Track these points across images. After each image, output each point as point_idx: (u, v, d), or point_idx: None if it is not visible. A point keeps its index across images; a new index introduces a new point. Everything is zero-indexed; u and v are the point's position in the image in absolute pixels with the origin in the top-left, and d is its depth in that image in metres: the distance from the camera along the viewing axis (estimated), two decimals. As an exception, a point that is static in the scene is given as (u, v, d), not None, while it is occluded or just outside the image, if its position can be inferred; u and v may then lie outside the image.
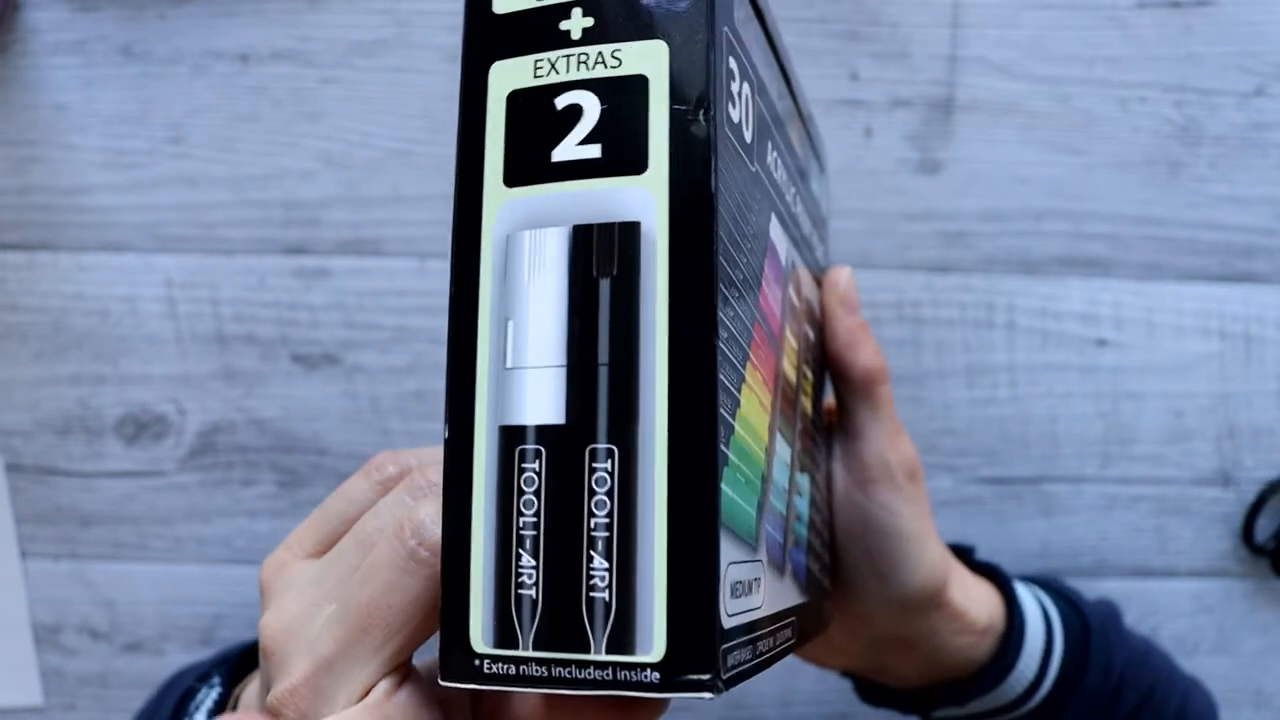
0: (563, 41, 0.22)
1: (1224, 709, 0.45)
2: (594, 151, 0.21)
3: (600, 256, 0.21)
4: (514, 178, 0.22)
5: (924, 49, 0.49)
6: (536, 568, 0.21)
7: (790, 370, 0.30)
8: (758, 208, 0.25)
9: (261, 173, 0.49)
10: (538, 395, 0.21)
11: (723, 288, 0.21)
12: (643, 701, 0.23)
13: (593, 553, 0.20)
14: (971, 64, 0.49)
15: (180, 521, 0.51)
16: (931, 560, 0.35)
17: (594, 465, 0.21)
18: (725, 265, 0.22)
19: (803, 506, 0.31)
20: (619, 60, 0.22)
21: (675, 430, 0.20)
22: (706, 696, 0.20)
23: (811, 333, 0.34)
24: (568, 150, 0.22)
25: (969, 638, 0.37)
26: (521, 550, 0.21)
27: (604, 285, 0.21)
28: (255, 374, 0.50)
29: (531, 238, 0.22)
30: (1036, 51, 0.49)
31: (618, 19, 0.22)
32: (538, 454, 0.21)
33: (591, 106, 0.22)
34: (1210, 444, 0.51)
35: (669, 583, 0.20)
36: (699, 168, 0.21)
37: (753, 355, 0.24)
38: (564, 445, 0.21)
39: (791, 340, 0.30)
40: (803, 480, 0.31)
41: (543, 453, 0.21)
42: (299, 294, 0.50)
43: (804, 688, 0.51)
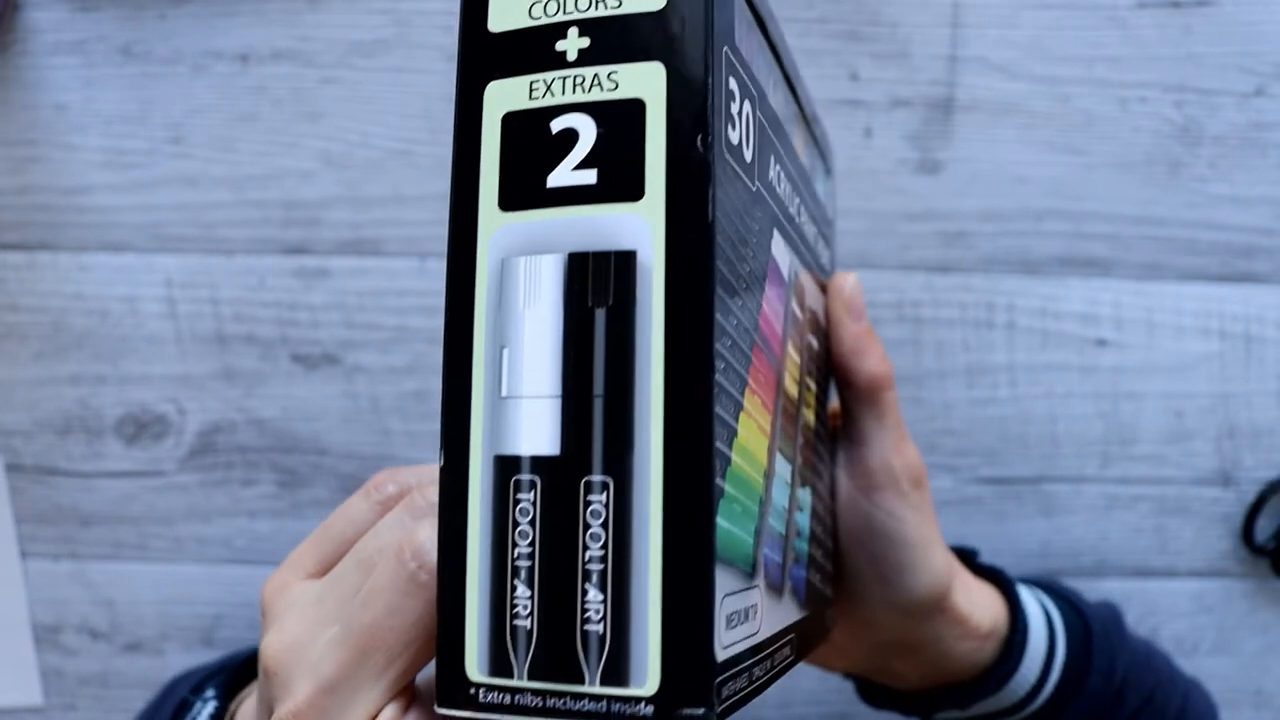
0: (558, 62, 0.22)
1: (1224, 709, 0.45)
2: (590, 177, 0.21)
3: (596, 286, 0.21)
4: (509, 202, 0.22)
5: (924, 49, 0.49)
6: (531, 599, 0.21)
7: (791, 386, 0.29)
8: (759, 228, 0.25)
9: (261, 173, 0.49)
10: (533, 425, 0.21)
11: (719, 318, 0.21)
12: None
13: (587, 585, 0.20)
14: (971, 64, 0.49)
15: (180, 521, 0.51)
16: (936, 566, 0.35)
17: (589, 498, 0.21)
18: (723, 294, 0.21)
19: (803, 521, 0.30)
20: (615, 83, 0.21)
21: (670, 464, 0.20)
22: None
23: (815, 342, 0.34)
24: (563, 175, 0.21)
25: (972, 642, 0.37)
26: (517, 581, 0.21)
27: (599, 315, 0.21)
28: (255, 374, 0.50)
29: (527, 264, 0.21)
30: (1036, 51, 0.49)
31: (614, 40, 0.21)
32: (533, 485, 0.21)
33: (587, 130, 0.21)
34: (1210, 444, 0.51)
35: (663, 616, 0.20)
36: (696, 196, 0.21)
37: (751, 381, 0.24)
38: (559, 477, 0.21)
39: (793, 354, 0.30)
40: (804, 494, 0.31)
41: (538, 484, 0.21)
42: (299, 294, 0.50)
43: (804, 688, 0.51)
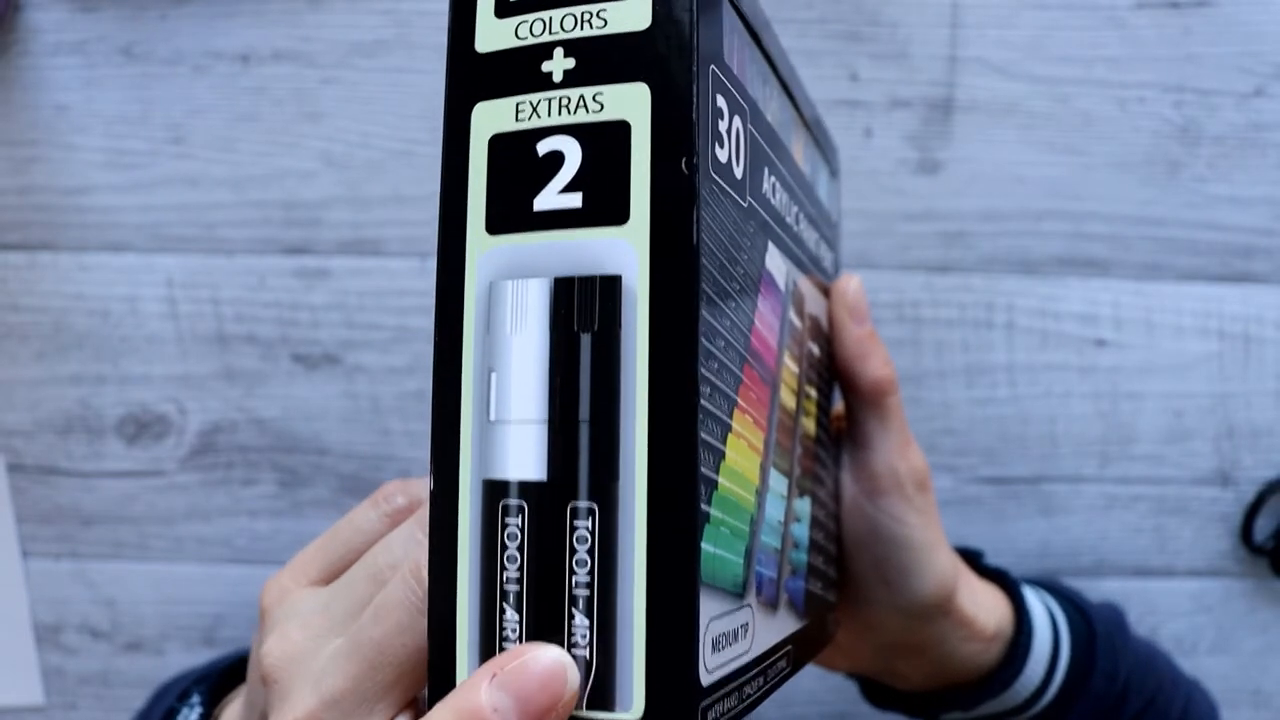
0: (544, 84, 0.22)
1: (1223, 709, 0.45)
2: (575, 201, 0.21)
3: (581, 311, 0.21)
4: (496, 225, 0.22)
5: (924, 49, 0.49)
6: (520, 622, 0.21)
7: (789, 398, 0.29)
8: (750, 243, 0.25)
9: (262, 173, 0.50)
10: (520, 450, 0.21)
11: (705, 341, 0.21)
12: None
13: (574, 610, 0.21)
14: (971, 64, 0.49)
15: (181, 521, 0.51)
16: (940, 569, 0.35)
17: (575, 523, 0.21)
18: (709, 316, 0.21)
19: (801, 532, 0.30)
20: (601, 105, 0.21)
21: (655, 491, 0.20)
22: None
23: (816, 348, 0.33)
24: (549, 199, 0.21)
25: (977, 644, 0.37)
26: (505, 604, 0.21)
27: (585, 340, 0.21)
28: (256, 374, 0.50)
29: (514, 288, 0.21)
30: (1036, 52, 0.49)
31: (600, 60, 0.21)
32: (520, 509, 0.21)
33: (573, 153, 0.21)
34: (1209, 444, 0.51)
35: (648, 641, 0.20)
36: (681, 220, 0.21)
37: (741, 400, 0.24)
38: (545, 502, 0.21)
39: (790, 365, 0.30)
40: (801, 505, 0.31)
41: (525, 509, 0.21)
42: (299, 294, 0.50)
43: (804, 688, 0.51)
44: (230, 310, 0.50)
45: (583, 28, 0.22)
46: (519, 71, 0.22)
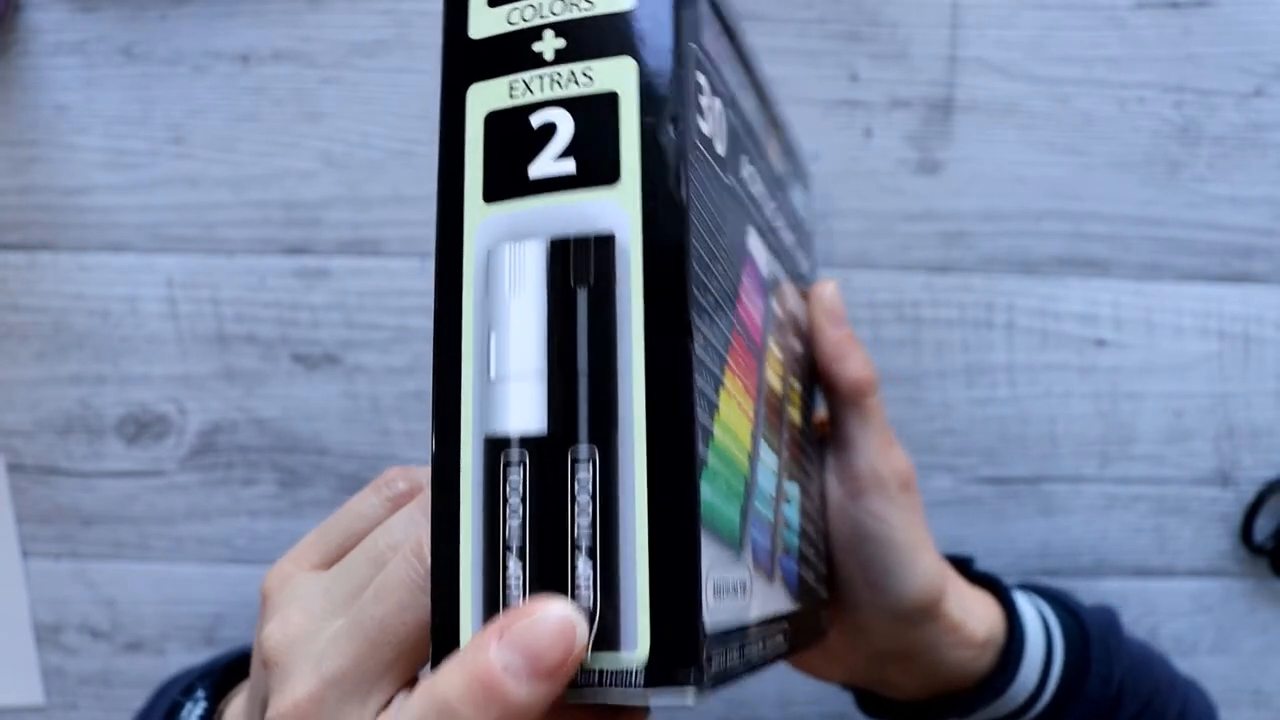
0: (536, 62, 0.23)
1: (1223, 709, 0.45)
2: (569, 166, 0.22)
3: (577, 268, 0.22)
4: (493, 194, 0.23)
5: (923, 49, 0.49)
6: (523, 573, 0.21)
7: (775, 380, 0.30)
8: (733, 219, 0.26)
9: (262, 173, 0.50)
10: (520, 405, 0.22)
11: (697, 294, 0.22)
12: (624, 710, 0.23)
13: (577, 556, 0.21)
14: (971, 64, 0.49)
15: (181, 521, 0.51)
16: (926, 571, 0.35)
17: (576, 471, 0.21)
18: (699, 272, 0.22)
19: (792, 514, 0.31)
20: (590, 78, 0.22)
21: (653, 434, 0.21)
22: (690, 694, 0.20)
23: (799, 346, 0.34)
24: (544, 166, 0.22)
25: (969, 651, 0.37)
26: (508, 556, 0.21)
27: (581, 296, 0.22)
28: (256, 374, 0.50)
29: (511, 251, 0.22)
30: (1036, 52, 0.49)
31: (588, 39, 0.22)
32: (522, 462, 0.21)
33: (565, 124, 0.22)
34: (1209, 444, 0.51)
35: (651, 583, 0.20)
36: (670, 178, 0.21)
37: (731, 361, 0.24)
38: (547, 453, 0.21)
39: (776, 351, 0.30)
40: (791, 488, 0.31)
41: (527, 461, 0.21)
42: (299, 294, 0.50)
43: (804, 687, 0.51)
44: (230, 310, 0.50)
45: (570, 10, 0.23)
46: (511, 53, 0.23)
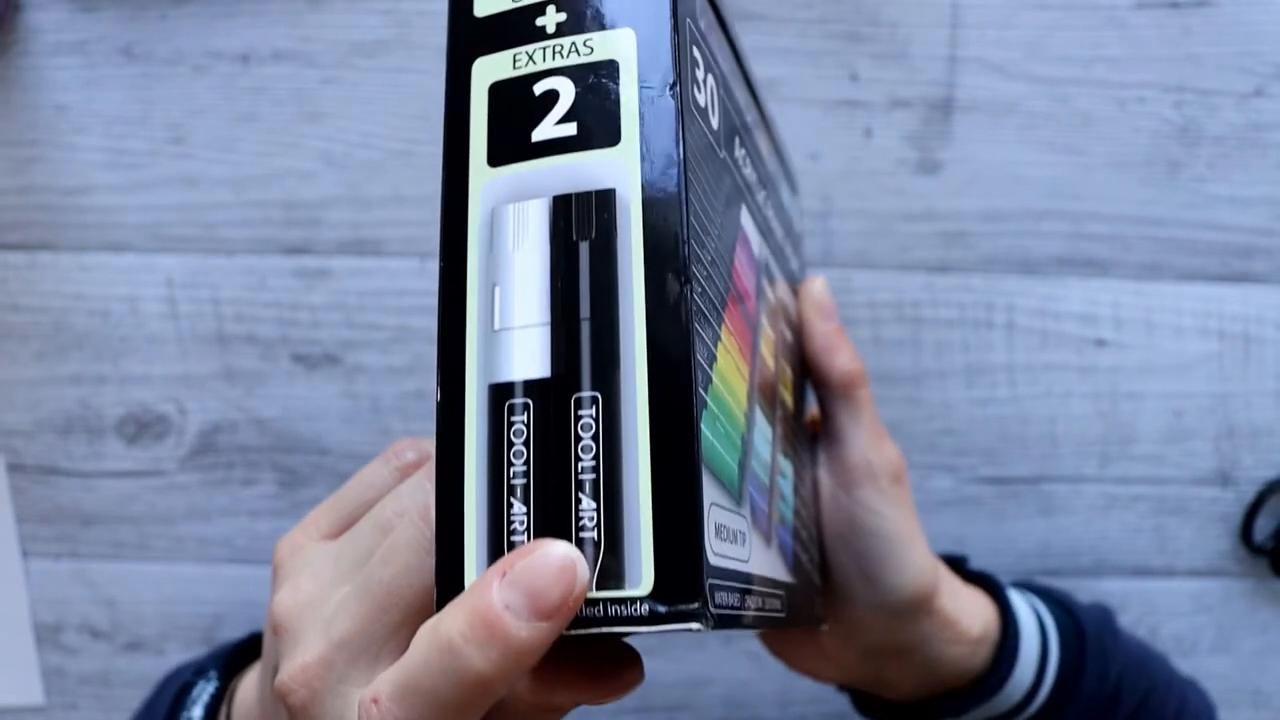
0: (539, 35, 0.24)
1: (1222, 708, 0.45)
2: (570, 130, 0.23)
3: (579, 222, 0.22)
4: (497, 158, 0.23)
5: (923, 49, 0.49)
6: (528, 513, 0.21)
7: (769, 357, 0.30)
8: (727, 192, 0.27)
9: (262, 173, 0.50)
10: (524, 352, 0.22)
11: (694, 245, 0.22)
12: (620, 668, 0.23)
13: (580, 495, 0.21)
14: (971, 64, 0.49)
15: (181, 521, 0.51)
16: (918, 563, 0.35)
17: (579, 413, 0.21)
18: (695, 226, 0.23)
19: (786, 489, 0.31)
20: (590, 48, 0.23)
21: (655, 373, 0.21)
22: (695, 627, 0.20)
23: (789, 334, 0.35)
24: (546, 130, 0.23)
25: (963, 647, 0.37)
26: (513, 499, 0.22)
27: (583, 247, 0.22)
28: (256, 374, 0.50)
29: (515, 210, 0.23)
30: (1035, 52, 0.49)
31: (588, 12, 0.23)
32: (526, 407, 0.22)
33: (567, 90, 0.23)
34: (1209, 444, 0.51)
35: (654, 517, 0.21)
36: (667, 136, 0.22)
37: (727, 320, 0.25)
38: (550, 396, 0.22)
39: (769, 330, 0.31)
40: (785, 465, 0.31)
41: (530, 405, 0.22)
42: (299, 294, 0.50)
43: (804, 687, 0.51)
44: (230, 310, 0.50)
45: None
46: (515, 28, 0.24)
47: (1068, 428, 0.51)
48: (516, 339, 0.22)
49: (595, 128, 0.23)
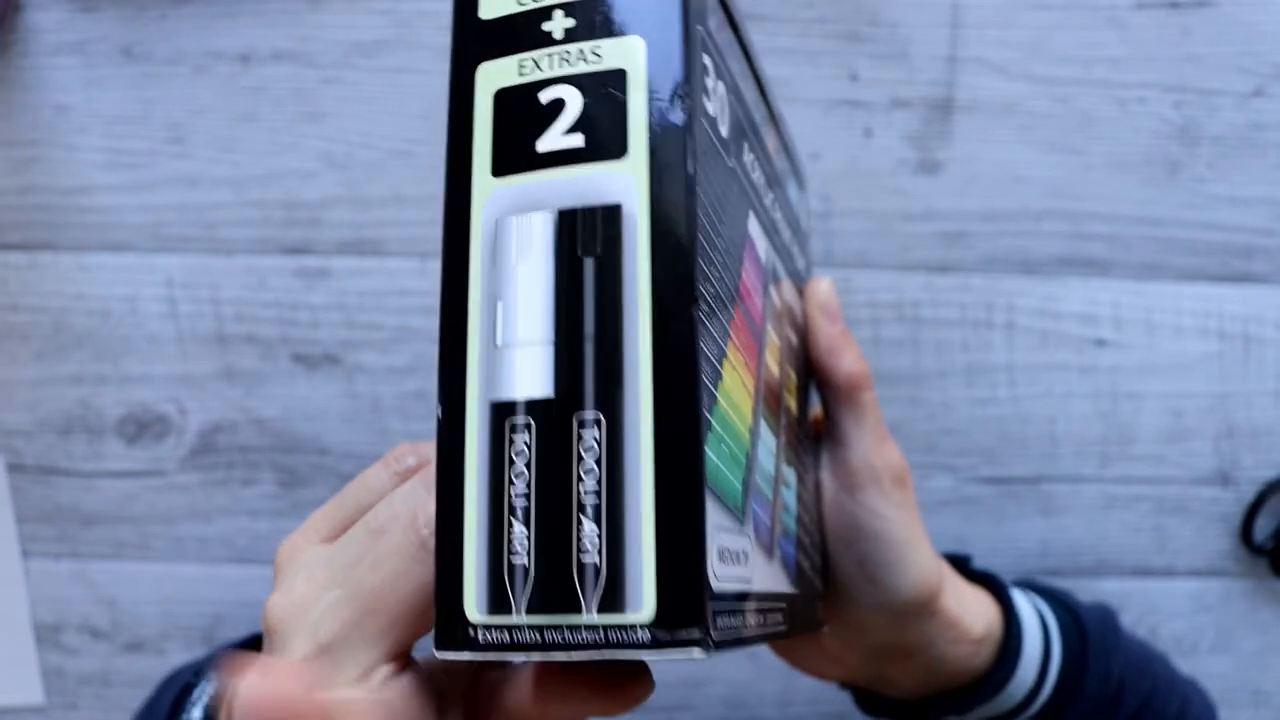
0: (545, 41, 0.23)
1: (1223, 708, 0.45)
2: (577, 141, 0.22)
3: (585, 237, 0.22)
4: (501, 168, 0.23)
5: (923, 49, 0.49)
6: (528, 536, 0.21)
7: (774, 365, 0.30)
8: (735, 201, 0.26)
9: (262, 173, 0.50)
10: (527, 370, 0.22)
11: (701, 264, 0.22)
12: (627, 680, 0.23)
13: (582, 518, 0.21)
14: (971, 64, 0.49)
15: (181, 521, 0.51)
16: (922, 565, 0.35)
17: (582, 434, 0.21)
18: (704, 243, 0.22)
19: (790, 499, 0.31)
20: (599, 56, 0.22)
21: (660, 396, 0.21)
22: (697, 655, 0.20)
23: (795, 338, 0.34)
24: (552, 140, 0.22)
25: (966, 647, 0.37)
26: (513, 520, 0.21)
27: (588, 264, 0.22)
28: (256, 374, 0.50)
29: (519, 222, 0.22)
30: (1035, 52, 0.49)
31: (597, 18, 0.23)
32: (527, 426, 0.21)
33: (574, 100, 0.22)
34: (1209, 444, 0.51)
35: (657, 542, 0.20)
36: (676, 151, 0.22)
37: (733, 336, 0.25)
38: (553, 416, 0.21)
39: (774, 338, 0.30)
40: (789, 474, 0.31)
41: (532, 425, 0.21)
42: (300, 294, 0.50)
43: (804, 687, 0.51)
44: (230, 310, 0.50)
45: None
46: (521, 32, 0.23)
47: (1068, 428, 0.51)
48: (519, 356, 0.22)
49: (603, 139, 0.22)
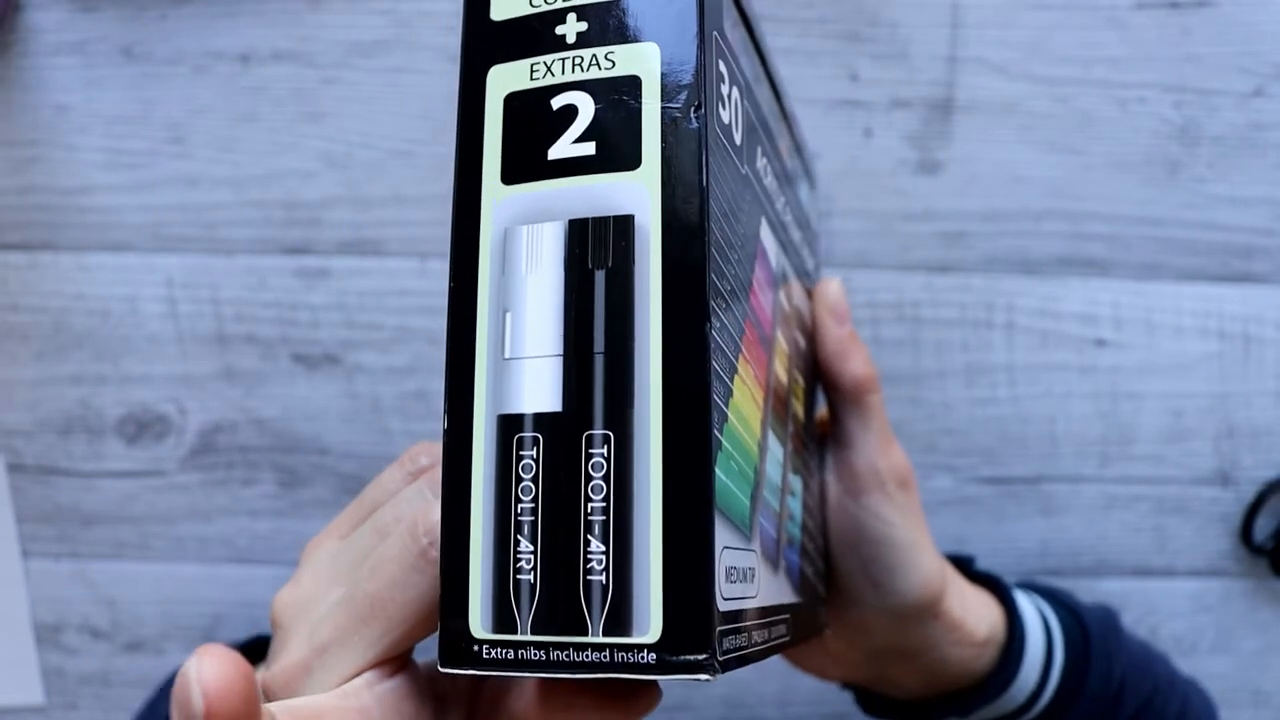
0: (558, 45, 0.23)
1: (1223, 708, 0.45)
2: (589, 149, 0.22)
3: (596, 249, 0.21)
4: (511, 175, 0.22)
5: (923, 49, 0.49)
6: (535, 553, 0.21)
7: (782, 372, 0.30)
8: (748, 209, 0.26)
9: (262, 173, 0.50)
10: (535, 384, 0.21)
11: (715, 279, 0.21)
12: (634, 693, 0.23)
13: (590, 536, 0.21)
14: (971, 64, 0.49)
15: (181, 521, 0.51)
16: (926, 569, 0.35)
17: (590, 451, 0.21)
18: (717, 258, 0.22)
19: (796, 507, 0.31)
20: (612, 62, 0.22)
21: (670, 414, 0.21)
22: (703, 678, 0.20)
23: (802, 340, 0.34)
24: (563, 148, 0.22)
25: (969, 649, 0.37)
26: (520, 536, 0.21)
27: (599, 277, 0.21)
28: (256, 374, 0.50)
29: (529, 232, 0.22)
30: (1035, 52, 0.49)
31: (611, 23, 0.22)
32: (535, 441, 0.21)
33: (586, 106, 0.22)
34: (1209, 444, 0.51)
35: (665, 564, 0.20)
36: (690, 162, 0.21)
37: (744, 349, 0.24)
38: (561, 432, 0.21)
39: (783, 344, 0.30)
40: (795, 482, 0.31)
41: (540, 440, 0.21)
42: (300, 294, 0.50)
43: (804, 687, 0.52)
44: (230, 310, 0.50)
45: None
46: (533, 36, 0.23)
47: (1068, 428, 0.51)
48: (528, 369, 0.21)
49: (615, 148, 0.22)
